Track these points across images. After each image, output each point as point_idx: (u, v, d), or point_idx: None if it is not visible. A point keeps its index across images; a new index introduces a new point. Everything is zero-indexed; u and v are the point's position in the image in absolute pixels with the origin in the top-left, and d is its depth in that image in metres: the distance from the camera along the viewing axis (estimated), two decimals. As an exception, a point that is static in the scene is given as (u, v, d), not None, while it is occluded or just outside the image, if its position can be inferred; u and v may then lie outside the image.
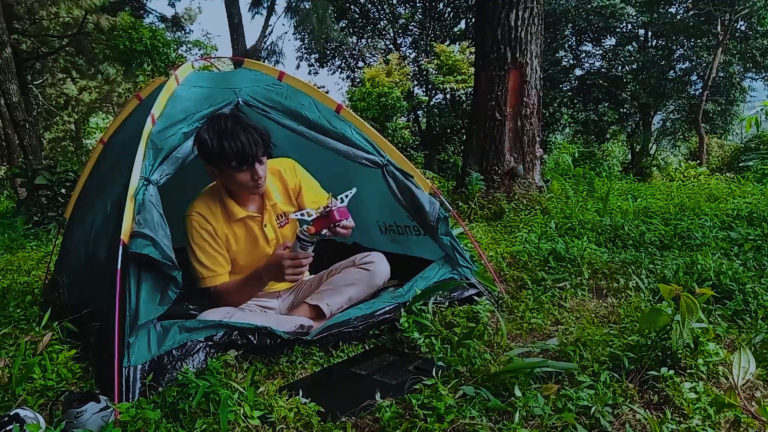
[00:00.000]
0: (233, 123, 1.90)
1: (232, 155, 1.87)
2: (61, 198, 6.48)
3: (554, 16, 14.91)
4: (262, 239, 2.16)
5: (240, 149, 1.86)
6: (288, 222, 2.25)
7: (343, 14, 19.00)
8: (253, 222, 2.13)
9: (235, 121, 1.91)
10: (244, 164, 1.91)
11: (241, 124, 1.90)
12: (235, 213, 2.07)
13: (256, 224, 2.14)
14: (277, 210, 2.21)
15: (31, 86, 14.24)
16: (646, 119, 16.73)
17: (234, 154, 1.87)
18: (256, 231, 2.14)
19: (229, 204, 2.06)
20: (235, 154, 1.87)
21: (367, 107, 12.58)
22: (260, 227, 2.15)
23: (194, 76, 2.38)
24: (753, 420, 1.29)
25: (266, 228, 2.16)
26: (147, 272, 1.69)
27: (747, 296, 2.16)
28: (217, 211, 2.06)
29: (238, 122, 1.91)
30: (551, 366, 1.50)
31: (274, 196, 2.19)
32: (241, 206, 2.09)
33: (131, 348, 1.59)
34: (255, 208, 2.14)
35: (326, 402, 1.47)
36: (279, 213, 2.22)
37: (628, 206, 4.42)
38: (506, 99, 5.21)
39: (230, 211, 2.06)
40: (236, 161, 1.90)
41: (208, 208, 2.05)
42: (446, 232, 2.41)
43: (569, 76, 17.21)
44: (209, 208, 2.05)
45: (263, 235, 2.15)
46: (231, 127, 1.88)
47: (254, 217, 2.12)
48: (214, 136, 1.88)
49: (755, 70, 15.48)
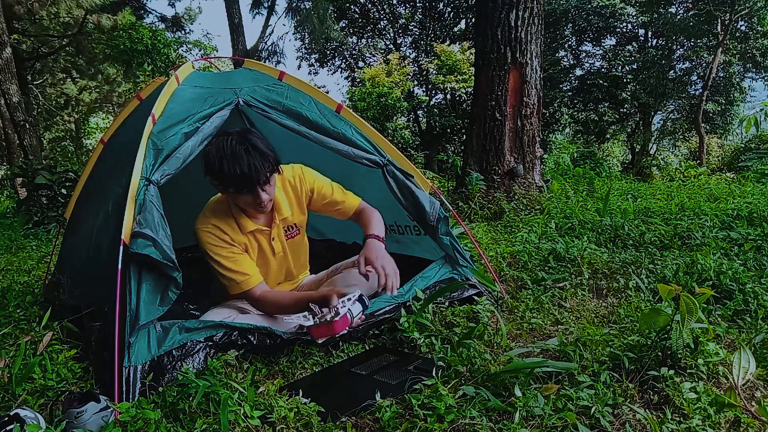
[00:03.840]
0: (239, 144, 1.81)
1: (231, 180, 1.82)
2: (61, 198, 6.48)
3: (554, 16, 14.93)
4: (269, 252, 2.14)
5: (239, 175, 1.79)
6: (299, 233, 2.22)
7: (343, 14, 19.01)
8: (261, 235, 2.09)
9: (242, 142, 1.83)
10: (244, 189, 1.85)
11: (246, 146, 1.81)
12: (245, 226, 2.03)
13: (264, 237, 2.11)
14: (288, 223, 2.17)
15: (31, 86, 14.24)
16: (646, 119, 16.74)
17: (233, 179, 1.81)
18: (263, 244, 2.11)
19: (238, 217, 2.02)
20: (234, 180, 1.81)
21: (367, 107, 12.59)
22: (268, 240, 2.12)
23: (194, 76, 2.38)
24: (753, 420, 1.29)
25: (274, 241, 2.13)
26: (147, 272, 1.69)
27: (747, 296, 2.16)
28: (231, 221, 2.01)
29: (245, 143, 1.82)
30: (551, 366, 1.50)
31: (285, 209, 2.12)
32: (251, 219, 2.05)
33: (131, 348, 1.59)
34: (264, 221, 2.10)
35: (326, 402, 1.47)
36: (289, 225, 2.18)
37: (628, 206, 4.42)
38: (506, 99, 5.22)
39: (240, 224, 2.02)
40: (235, 187, 1.85)
41: (222, 220, 2.00)
42: (446, 232, 2.41)
43: (569, 76, 17.22)
44: (223, 220, 2.00)
45: (270, 248, 2.13)
46: (235, 150, 1.80)
47: (263, 230, 2.08)
48: (217, 155, 1.82)
49: (755, 70, 15.50)
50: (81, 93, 18.76)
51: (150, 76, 9.85)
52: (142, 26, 10.06)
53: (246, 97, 2.18)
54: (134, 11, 13.29)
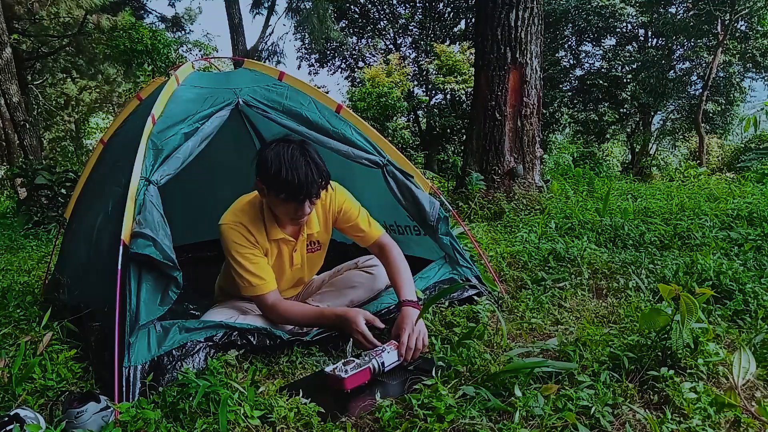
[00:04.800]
0: (300, 154, 1.81)
1: (285, 186, 1.80)
2: (61, 198, 6.49)
3: (554, 16, 14.93)
4: (287, 262, 2.13)
5: (296, 184, 1.78)
6: (319, 249, 2.22)
7: (343, 14, 19.01)
8: (285, 245, 2.09)
9: (303, 152, 1.83)
10: (295, 198, 1.83)
11: (306, 157, 1.82)
12: (272, 233, 2.02)
13: (287, 247, 2.10)
14: (313, 238, 2.16)
15: (31, 86, 14.24)
16: (646, 119, 16.75)
17: (288, 185, 1.79)
18: (285, 253, 2.10)
19: (268, 223, 2.01)
20: (289, 187, 1.80)
21: (367, 107, 12.59)
22: (290, 251, 2.11)
23: (194, 76, 2.38)
24: (753, 420, 1.29)
25: (295, 253, 2.13)
26: (148, 272, 1.69)
27: (747, 296, 2.16)
28: (260, 225, 2.00)
29: (305, 154, 1.82)
30: (551, 366, 1.50)
31: (315, 225, 2.11)
32: (281, 227, 2.04)
33: (131, 348, 1.59)
34: (291, 231, 2.09)
35: (326, 402, 1.47)
36: (313, 241, 2.18)
37: (627, 206, 4.42)
38: (506, 99, 5.22)
39: (268, 230, 2.01)
40: (286, 194, 1.82)
41: (252, 222, 1.98)
42: (446, 232, 2.41)
43: (569, 76, 17.22)
44: (252, 222, 1.98)
45: (290, 259, 2.13)
46: (296, 158, 1.79)
47: (288, 241, 2.08)
48: (276, 160, 1.80)
49: (755, 70, 15.49)
50: (81, 93, 18.79)
51: (150, 76, 9.85)
52: (142, 26, 10.06)
53: (246, 98, 2.18)
54: (134, 11, 13.33)
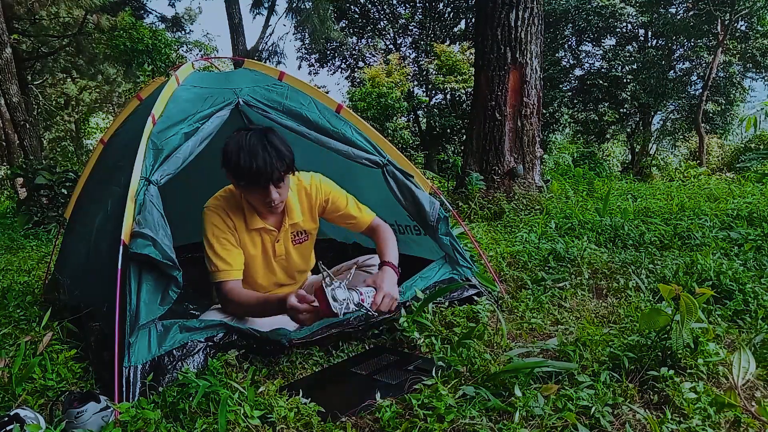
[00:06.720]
0: (257, 140, 1.81)
1: (243, 173, 1.80)
2: (61, 198, 6.49)
3: (554, 16, 14.93)
4: (270, 253, 2.12)
5: (253, 169, 1.78)
6: (307, 239, 2.21)
7: (343, 14, 19.02)
8: (267, 235, 2.08)
9: (261, 138, 1.82)
10: (255, 185, 1.84)
11: (264, 143, 1.81)
12: (252, 222, 2.02)
13: (269, 237, 2.09)
14: (297, 228, 2.16)
15: (31, 86, 14.25)
16: (646, 119, 16.75)
17: (246, 172, 1.79)
18: (267, 244, 2.10)
19: (248, 213, 2.01)
20: (248, 173, 1.80)
21: (367, 107, 12.60)
22: (272, 242, 2.10)
23: (195, 76, 2.38)
24: (753, 420, 1.29)
25: (278, 243, 2.12)
26: (147, 272, 1.69)
27: (747, 296, 2.16)
28: (240, 214, 2.01)
29: (263, 140, 1.82)
30: (551, 366, 1.50)
31: (296, 214, 2.11)
32: (260, 217, 2.04)
33: (131, 348, 1.59)
34: (273, 222, 2.09)
35: (326, 402, 1.47)
36: (299, 231, 2.18)
37: (627, 206, 4.42)
38: (506, 99, 5.22)
39: (247, 220, 2.02)
40: (246, 180, 1.83)
41: (232, 208, 2.00)
42: (446, 232, 2.41)
43: (569, 76, 17.22)
44: (233, 209, 2.00)
45: (273, 249, 2.12)
46: (253, 144, 1.79)
47: (270, 230, 2.07)
48: (235, 148, 1.81)
49: (755, 70, 15.49)
50: (81, 93, 18.79)
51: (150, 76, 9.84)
52: (142, 26, 10.05)
53: (246, 98, 2.18)
54: (134, 11, 13.31)
